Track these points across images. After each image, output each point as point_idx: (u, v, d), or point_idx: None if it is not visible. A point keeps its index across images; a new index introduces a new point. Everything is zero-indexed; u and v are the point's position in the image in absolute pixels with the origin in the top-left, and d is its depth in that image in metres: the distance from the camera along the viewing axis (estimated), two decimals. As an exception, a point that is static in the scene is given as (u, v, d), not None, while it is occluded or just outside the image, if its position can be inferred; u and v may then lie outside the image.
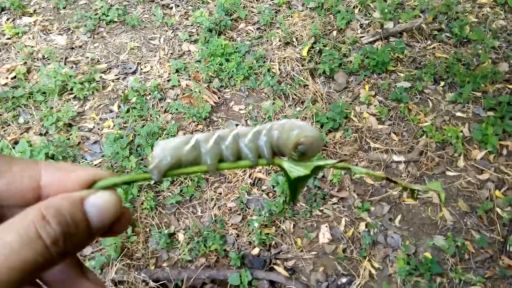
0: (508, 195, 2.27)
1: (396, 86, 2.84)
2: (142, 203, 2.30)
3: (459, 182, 2.36)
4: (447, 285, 2.02)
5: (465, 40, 3.13)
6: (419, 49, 3.10)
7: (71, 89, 2.84)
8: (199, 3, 3.53)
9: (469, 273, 2.05)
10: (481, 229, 2.19)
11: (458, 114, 2.67)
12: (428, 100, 2.77)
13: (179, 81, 2.89)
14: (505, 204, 2.24)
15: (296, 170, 0.41)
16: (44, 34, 3.30)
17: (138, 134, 2.53)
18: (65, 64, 3.06)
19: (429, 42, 3.16)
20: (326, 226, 2.25)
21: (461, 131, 2.55)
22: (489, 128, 2.46)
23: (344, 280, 2.07)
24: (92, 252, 2.15)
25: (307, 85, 2.88)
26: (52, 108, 2.73)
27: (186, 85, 2.88)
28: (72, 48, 3.19)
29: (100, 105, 2.81)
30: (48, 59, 3.07)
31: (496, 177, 2.37)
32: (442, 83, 2.84)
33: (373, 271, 2.09)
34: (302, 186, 0.44)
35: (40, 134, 2.64)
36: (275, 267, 2.15)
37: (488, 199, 2.28)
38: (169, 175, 0.42)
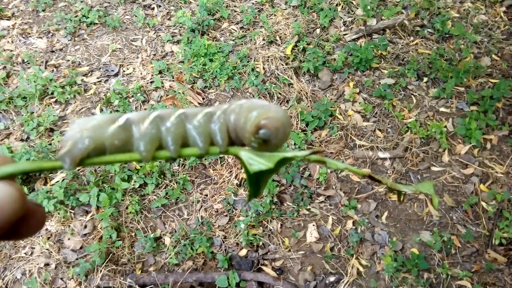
0: (493, 189, 2.29)
1: (380, 83, 2.84)
2: (127, 207, 2.26)
3: (444, 177, 2.37)
4: (435, 280, 2.03)
5: (447, 35, 3.15)
6: (402, 45, 3.11)
7: (52, 93, 2.79)
8: (181, 3, 3.50)
9: (456, 268, 2.06)
10: (467, 224, 2.21)
11: (442, 109, 2.68)
12: (412, 96, 2.78)
13: (162, 83, 2.86)
14: (490, 198, 2.26)
15: (257, 163, 0.32)
16: (23, 37, 3.23)
17: (122, 137, 2.49)
18: (45, 67, 3.00)
19: (411, 38, 3.17)
20: (313, 225, 2.25)
21: (445, 126, 2.56)
22: (473, 123, 2.48)
23: (332, 279, 2.07)
24: (76, 259, 2.11)
25: (292, 84, 2.87)
26: (33, 113, 2.68)
27: (170, 86, 2.85)
28: (53, 51, 3.14)
29: (82, 108, 2.76)
30: (28, 63, 3.01)
31: (481, 171, 2.38)
32: (425, 79, 2.86)
33: (361, 269, 2.09)
34: (266, 180, 0.35)
35: (22, 140, 2.59)
36: (263, 267, 2.13)
37: (473, 193, 2.30)
38: (87, 163, 0.32)
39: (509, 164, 2.39)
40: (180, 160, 2.50)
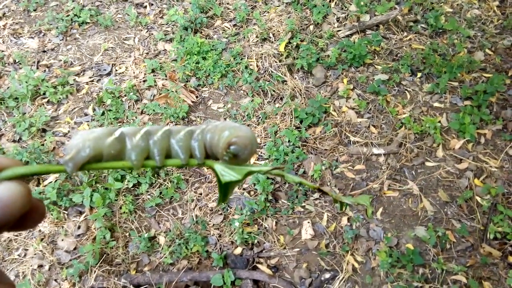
0: (487, 183, 2.29)
1: (374, 79, 2.83)
2: (120, 207, 2.25)
3: (439, 172, 2.37)
4: (430, 275, 2.03)
5: (441, 30, 3.15)
6: (395, 41, 3.11)
7: (44, 94, 2.77)
8: (173, 1, 3.47)
9: (451, 263, 2.06)
10: (461, 218, 2.21)
11: (436, 104, 2.68)
12: (406, 91, 2.78)
13: (155, 81, 2.84)
14: (484, 192, 2.26)
15: (228, 174, 0.39)
16: (14, 37, 3.20)
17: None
18: (37, 68, 2.98)
19: (405, 33, 3.16)
20: (308, 222, 2.24)
21: (439, 122, 2.56)
22: (466, 117, 2.48)
23: (327, 275, 2.06)
24: (70, 260, 2.10)
25: (286, 81, 2.86)
26: (25, 113, 2.66)
27: (163, 85, 2.83)
28: (44, 51, 3.11)
29: (75, 108, 2.74)
30: (20, 63, 2.99)
31: (475, 166, 2.38)
32: (419, 74, 2.85)
33: (356, 265, 2.09)
34: (233, 188, 0.42)
35: (14, 141, 2.56)
36: (258, 265, 2.13)
37: (467, 188, 2.30)
38: (86, 168, 0.38)
39: (503, 158, 2.39)
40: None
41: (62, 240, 2.16)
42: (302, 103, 2.72)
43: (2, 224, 0.30)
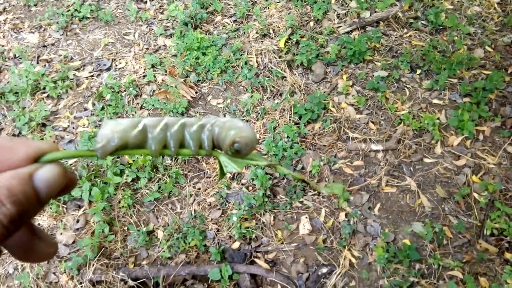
0: (485, 180, 2.29)
1: (373, 75, 2.84)
2: (119, 202, 2.26)
3: (437, 169, 2.37)
4: (426, 271, 2.03)
5: (441, 27, 3.14)
6: (395, 37, 3.10)
7: (44, 88, 2.78)
8: (174, -4, 3.48)
9: (447, 258, 2.07)
10: (458, 214, 2.21)
11: (435, 101, 2.68)
12: (405, 88, 2.78)
13: (155, 77, 2.85)
14: (481, 189, 2.26)
15: (230, 166, 0.47)
16: (15, 32, 3.21)
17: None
18: (37, 62, 2.99)
19: (405, 30, 3.16)
20: (306, 218, 2.25)
21: (438, 118, 2.56)
22: (465, 114, 2.48)
23: (324, 270, 2.07)
24: (69, 253, 2.11)
25: (285, 77, 2.86)
26: (25, 108, 2.67)
27: (162, 80, 2.84)
28: (45, 46, 3.12)
29: (74, 103, 2.75)
30: (20, 58, 3.00)
31: (473, 163, 2.39)
32: (418, 71, 2.85)
33: (353, 260, 2.10)
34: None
35: (13, 135, 2.58)
36: (256, 260, 2.14)
37: (465, 185, 2.30)
38: (114, 154, 0.44)
39: (501, 155, 2.40)
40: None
41: (61, 233, 2.18)
42: (301, 99, 2.72)
43: (49, 197, 0.37)
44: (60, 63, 2.96)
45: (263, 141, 2.52)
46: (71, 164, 2.42)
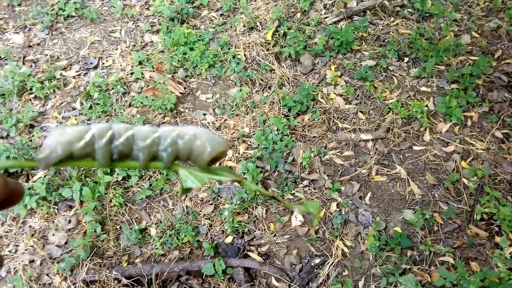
0: (474, 165, 2.31)
1: (361, 65, 2.84)
2: (110, 200, 2.26)
3: (426, 156, 2.39)
4: (418, 257, 2.05)
5: (427, 14, 3.15)
6: (382, 26, 3.10)
7: (31, 89, 2.75)
8: (159, -8, 3.44)
9: (438, 244, 2.09)
10: (448, 200, 2.23)
11: (423, 88, 2.69)
12: (393, 77, 2.78)
13: (142, 74, 2.83)
14: (471, 174, 2.28)
15: (190, 181, 0.44)
16: (-1, 33, 3.17)
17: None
18: (23, 63, 2.96)
19: (392, 19, 3.16)
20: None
21: (426, 106, 2.57)
22: (453, 101, 2.49)
23: (317, 260, 2.09)
24: (61, 254, 2.11)
25: (274, 70, 2.86)
26: (12, 109, 2.65)
27: (150, 77, 2.83)
28: (30, 46, 3.09)
29: (62, 103, 2.73)
30: (5, 59, 2.97)
31: (462, 148, 2.40)
32: (406, 59, 2.86)
33: (345, 250, 2.11)
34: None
35: (1, 137, 2.56)
36: (249, 253, 2.15)
37: (454, 171, 2.32)
38: (58, 166, 0.43)
39: (489, 140, 2.42)
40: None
41: (53, 234, 2.17)
42: (290, 91, 2.72)
43: None
44: (47, 63, 2.93)
45: (253, 134, 2.52)
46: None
